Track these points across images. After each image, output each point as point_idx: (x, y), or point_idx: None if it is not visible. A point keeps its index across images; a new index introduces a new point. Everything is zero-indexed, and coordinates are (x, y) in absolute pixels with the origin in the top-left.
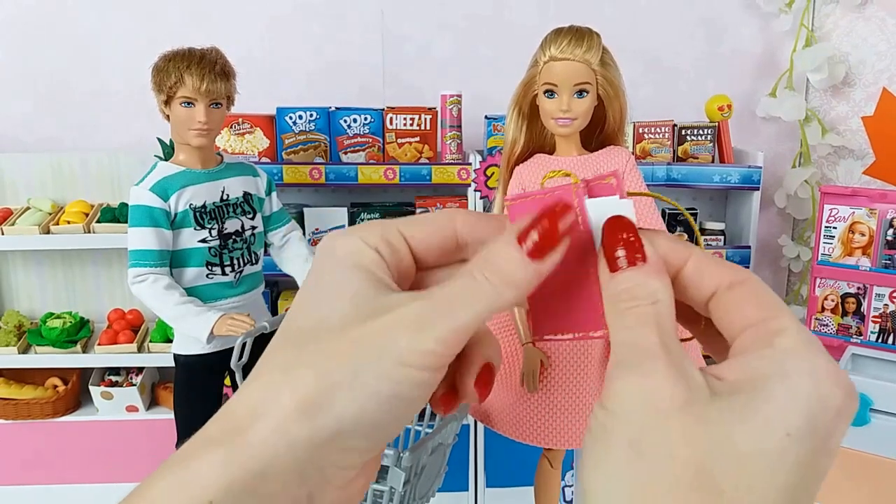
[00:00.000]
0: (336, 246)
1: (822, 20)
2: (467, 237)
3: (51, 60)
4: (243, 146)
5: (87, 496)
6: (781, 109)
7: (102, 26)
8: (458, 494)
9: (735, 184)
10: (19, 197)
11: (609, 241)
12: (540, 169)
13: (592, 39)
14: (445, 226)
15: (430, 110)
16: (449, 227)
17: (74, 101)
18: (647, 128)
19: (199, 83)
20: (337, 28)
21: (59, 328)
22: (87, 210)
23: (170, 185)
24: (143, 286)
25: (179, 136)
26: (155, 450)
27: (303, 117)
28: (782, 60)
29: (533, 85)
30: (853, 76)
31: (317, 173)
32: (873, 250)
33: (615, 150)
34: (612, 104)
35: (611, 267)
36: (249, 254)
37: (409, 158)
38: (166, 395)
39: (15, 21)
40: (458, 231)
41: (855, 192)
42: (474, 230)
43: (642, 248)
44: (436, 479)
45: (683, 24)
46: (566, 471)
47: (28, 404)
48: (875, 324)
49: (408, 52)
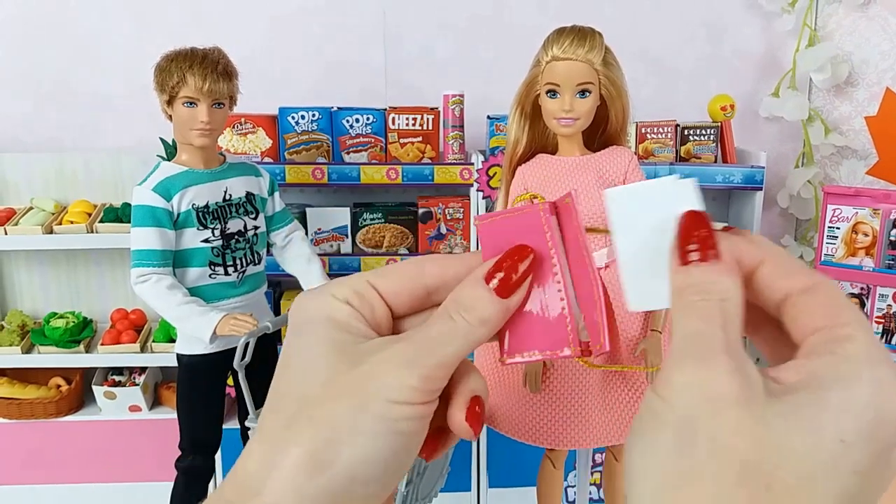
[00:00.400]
0: (308, 306)
1: (824, 20)
2: (437, 284)
3: (52, 60)
4: (246, 146)
5: (90, 496)
6: (784, 109)
7: (104, 26)
8: (461, 495)
9: (738, 184)
10: (22, 197)
11: (683, 235)
12: (542, 169)
13: (595, 39)
14: (414, 276)
15: (432, 110)
16: (417, 277)
17: (76, 101)
18: (649, 128)
19: (202, 83)
20: (339, 28)
21: (63, 328)
22: (90, 210)
23: (172, 185)
24: (146, 286)
25: (182, 136)
26: (158, 449)
27: (305, 117)
28: (785, 60)
29: (535, 85)
30: (856, 76)
31: (319, 173)
32: (876, 251)
33: (617, 150)
34: (615, 104)
35: (682, 260)
36: (252, 254)
37: (412, 158)
38: (169, 395)
39: (16, 21)
40: (427, 280)
41: (858, 193)
42: (444, 275)
43: (716, 244)
44: (438, 480)
45: (685, 23)
46: (569, 471)
47: (31, 404)
48: (878, 324)
49: (410, 52)
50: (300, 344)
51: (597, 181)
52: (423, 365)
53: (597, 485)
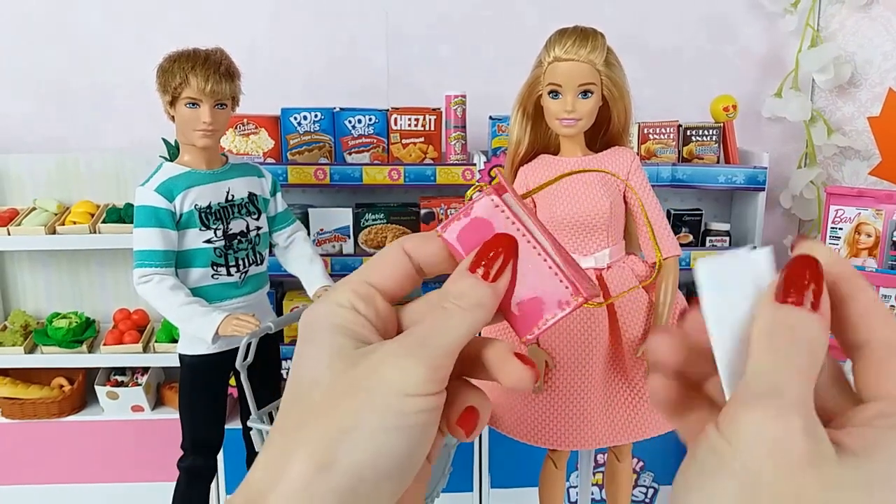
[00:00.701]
0: (313, 316)
1: (827, 20)
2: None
3: (54, 60)
4: (248, 147)
5: (92, 496)
6: (787, 110)
7: (106, 27)
8: (463, 495)
9: (740, 184)
10: (25, 197)
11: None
12: (544, 169)
13: (597, 40)
14: (398, 257)
15: (434, 111)
16: (401, 257)
17: (78, 101)
18: (651, 128)
19: (204, 84)
20: (341, 28)
21: (65, 328)
22: (92, 210)
23: (175, 185)
24: (149, 286)
25: (184, 137)
26: (160, 450)
27: (307, 118)
28: (788, 60)
29: (537, 85)
30: (859, 76)
31: (321, 174)
32: (879, 251)
33: (620, 150)
34: (617, 105)
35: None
36: (254, 254)
37: (414, 159)
38: (172, 395)
39: (18, 20)
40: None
41: (861, 193)
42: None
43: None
44: (441, 480)
45: (688, 23)
46: (570, 472)
47: (34, 404)
48: None
49: (412, 52)
50: (306, 354)
51: (599, 182)
52: (427, 354)
53: (599, 485)
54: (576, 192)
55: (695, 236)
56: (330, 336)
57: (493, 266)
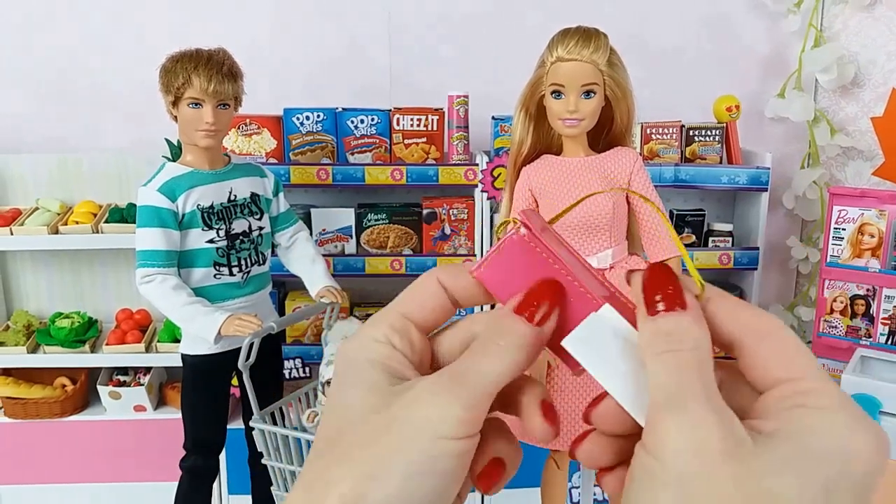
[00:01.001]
0: (349, 349)
1: (830, 20)
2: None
3: (55, 60)
4: (251, 147)
5: (95, 496)
6: (790, 110)
7: (107, 27)
8: None
9: (743, 185)
10: (28, 197)
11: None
12: (547, 170)
13: (600, 40)
14: (434, 289)
15: (436, 111)
16: (437, 288)
17: (78, 101)
18: (654, 128)
19: (207, 84)
20: (343, 28)
21: (68, 328)
22: (95, 210)
23: (177, 185)
24: (151, 286)
25: (187, 137)
26: (162, 449)
27: (310, 118)
28: (791, 61)
29: (540, 85)
30: (862, 76)
31: (324, 174)
32: (882, 252)
33: (622, 150)
34: (620, 105)
35: (649, 310)
36: (257, 254)
37: (416, 159)
38: (174, 395)
39: (18, 20)
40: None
41: (864, 194)
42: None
43: (682, 294)
44: None
45: (690, 23)
46: (573, 472)
47: (36, 404)
48: (884, 326)
49: (414, 52)
50: (340, 390)
51: (601, 182)
52: (465, 394)
53: (600, 486)
54: (579, 193)
55: (697, 237)
56: (365, 373)
57: (540, 310)
